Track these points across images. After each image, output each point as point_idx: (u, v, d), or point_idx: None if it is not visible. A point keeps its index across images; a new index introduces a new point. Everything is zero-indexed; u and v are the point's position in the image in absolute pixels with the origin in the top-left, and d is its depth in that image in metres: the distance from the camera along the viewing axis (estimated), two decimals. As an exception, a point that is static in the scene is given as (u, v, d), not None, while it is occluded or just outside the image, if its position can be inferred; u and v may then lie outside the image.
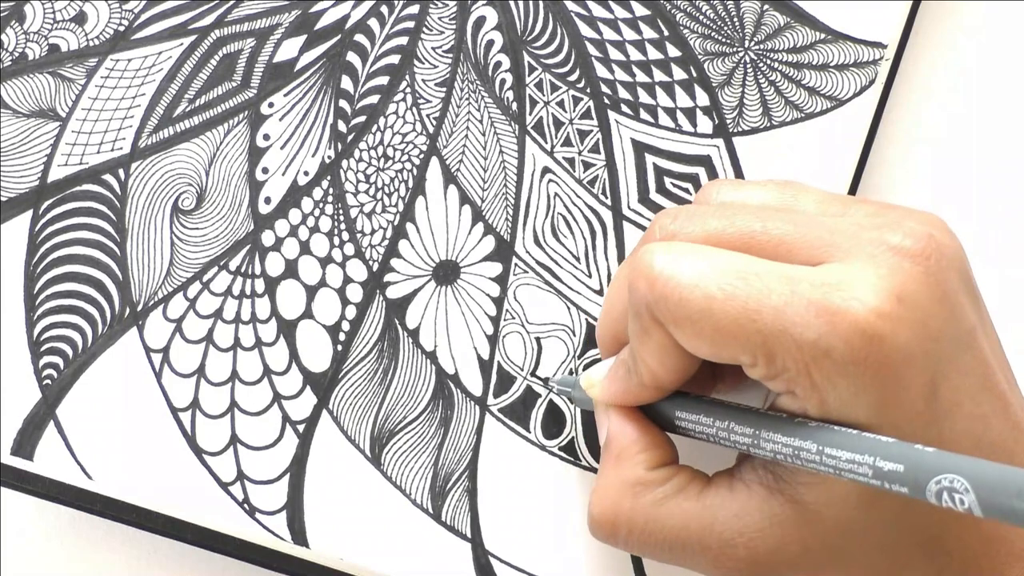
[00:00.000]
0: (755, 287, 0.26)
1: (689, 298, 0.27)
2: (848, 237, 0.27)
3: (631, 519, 0.29)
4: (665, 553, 0.29)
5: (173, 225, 0.36)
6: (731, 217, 0.29)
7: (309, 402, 0.35)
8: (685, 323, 0.27)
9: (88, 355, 0.35)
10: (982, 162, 0.38)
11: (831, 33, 0.36)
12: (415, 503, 0.35)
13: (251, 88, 0.37)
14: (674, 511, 0.28)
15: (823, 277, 0.26)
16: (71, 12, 0.37)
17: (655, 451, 0.30)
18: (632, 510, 0.29)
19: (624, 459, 0.30)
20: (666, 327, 0.27)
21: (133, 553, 0.37)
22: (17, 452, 0.35)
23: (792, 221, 0.28)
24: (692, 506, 0.28)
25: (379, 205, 0.36)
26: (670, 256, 0.27)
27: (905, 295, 0.26)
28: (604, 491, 0.30)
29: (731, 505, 0.28)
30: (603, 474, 0.30)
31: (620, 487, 0.29)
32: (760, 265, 0.27)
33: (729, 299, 0.26)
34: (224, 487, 0.35)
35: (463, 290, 0.36)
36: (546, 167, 0.36)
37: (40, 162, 0.36)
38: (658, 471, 0.29)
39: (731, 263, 0.27)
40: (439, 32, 0.37)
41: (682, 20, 0.36)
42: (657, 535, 0.29)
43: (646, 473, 0.29)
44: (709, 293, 0.26)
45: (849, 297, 0.25)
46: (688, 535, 0.28)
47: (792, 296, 0.26)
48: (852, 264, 0.26)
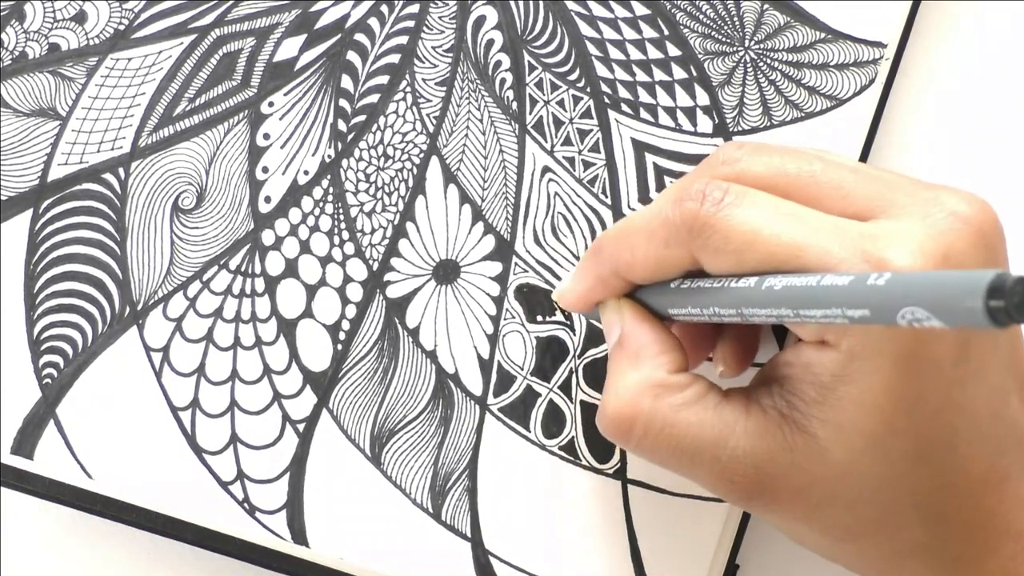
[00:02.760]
0: (804, 228, 0.26)
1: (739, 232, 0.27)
2: (905, 193, 0.27)
3: (649, 420, 0.29)
4: (674, 459, 0.29)
5: (173, 224, 0.36)
6: (794, 155, 0.29)
7: (309, 401, 0.35)
8: (725, 254, 0.27)
9: (88, 354, 0.35)
10: (982, 162, 0.38)
11: (831, 32, 0.36)
12: (415, 502, 0.35)
13: (251, 87, 0.37)
14: (691, 419, 0.28)
15: (873, 230, 0.26)
16: (71, 11, 0.37)
17: (673, 354, 0.30)
18: (652, 410, 0.29)
19: (644, 359, 0.30)
20: (697, 253, 0.28)
21: (133, 553, 0.37)
22: (17, 451, 0.35)
23: (853, 170, 0.28)
24: (709, 417, 0.28)
25: (379, 204, 0.36)
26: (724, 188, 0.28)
27: (952, 255, 0.26)
28: (623, 389, 0.29)
29: (746, 424, 0.28)
30: (620, 372, 0.30)
31: (640, 386, 0.29)
32: (813, 213, 0.27)
33: (776, 237, 0.26)
34: (224, 486, 0.35)
35: (463, 289, 0.36)
36: (546, 166, 0.36)
37: (40, 161, 0.36)
38: (679, 376, 0.29)
39: (783, 205, 0.27)
40: (439, 31, 0.37)
41: (682, 19, 0.36)
42: (671, 440, 0.29)
43: (668, 376, 0.29)
44: (755, 227, 0.27)
45: (897, 248, 0.26)
46: (701, 444, 0.28)
47: (840, 241, 0.26)
48: (905, 220, 0.27)
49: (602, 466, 0.35)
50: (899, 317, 0.22)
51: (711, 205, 0.27)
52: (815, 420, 0.27)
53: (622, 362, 0.30)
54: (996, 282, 0.20)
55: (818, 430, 0.27)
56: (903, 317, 0.22)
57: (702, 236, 0.27)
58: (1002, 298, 0.20)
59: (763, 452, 0.28)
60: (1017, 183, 0.38)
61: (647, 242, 0.29)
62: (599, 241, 0.31)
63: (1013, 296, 0.20)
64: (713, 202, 0.27)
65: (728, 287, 0.27)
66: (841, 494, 0.27)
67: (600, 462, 0.35)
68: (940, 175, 0.38)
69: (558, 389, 0.36)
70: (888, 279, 0.22)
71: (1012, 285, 0.20)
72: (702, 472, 0.29)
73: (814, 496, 0.28)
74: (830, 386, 0.27)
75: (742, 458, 0.28)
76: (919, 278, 0.22)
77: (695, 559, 0.35)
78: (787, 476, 0.28)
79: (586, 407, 0.35)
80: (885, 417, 0.26)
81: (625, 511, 0.35)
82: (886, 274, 0.23)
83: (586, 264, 0.32)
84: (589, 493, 0.35)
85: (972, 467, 0.27)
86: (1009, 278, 0.20)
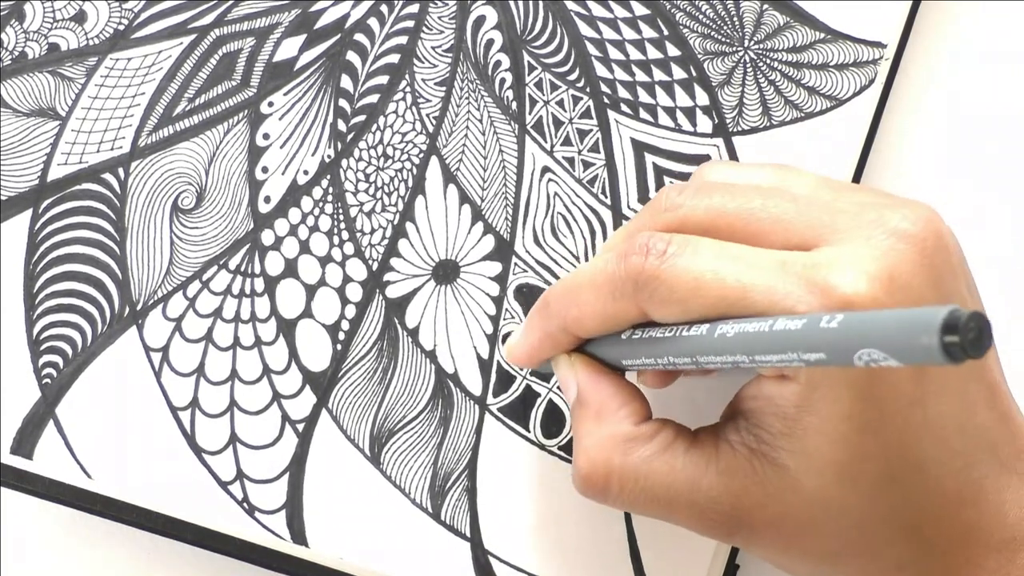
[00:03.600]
0: (746, 268, 0.26)
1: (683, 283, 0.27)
2: (847, 218, 0.27)
3: (622, 475, 0.29)
4: (652, 508, 0.29)
5: (173, 224, 0.36)
6: (733, 193, 0.29)
7: (308, 401, 0.35)
8: (671, 305, 0.27)
9: (88, 354, 0.35)
10: (983, 162, 0.38)
11: (831, 33, 0.36)
12: (414, 502, 0.35)
13: (251, 87, 0.37)
14: (662, 468, 0.29)
15: (816, 259, 0.26)
16: (71, 11, 0.37)
17: (635, 405, 0.30)
18: (623, 466, 0.29)
19: (606, 415, 0.30)
20: (644, 306, 0.28)
21: (133, 553, 0.37)
22: (16, 451, 0.35)
23: (793, 200, 0.28)
24: (680, 463, 0.29)
25: (379, 204, 0.36)
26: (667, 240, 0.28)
27: (897, 276, 0.26)
28: (593, 449, 0.30)
29: (717, 464, 0.28)
30: (585, 432, 0.30)
31: (609, 443, 0.29)
32: (754, 251, 0.27)
33: (719, 280, 0.27)
34: (223, 486, 0.35)
35: (463, 289, 0.36)
36: (546, 166, 0.36)
37: (40, 161, 0.36)
38: (644, 426, 0.30)
39: (725, 248, 0.27)
40: (439, 31, 0.37)
41: (682, 19, 0.36)
42: (647, 491, 0.29)
43: (633, 428, 0.29)
44: (698, 274, 0.27)
45: (842, 276, 0.26)
46: (677, 491, 0.28)
47: (784, 276, 0.26)
48: (848, 246, 0.27)
49: (601, 466, 0.35)
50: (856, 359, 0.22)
51: (655, 258, 0.28)
52: (783, 451, 0.27)
53: (586, 420, 0.30)
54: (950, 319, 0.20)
55: (787, 461, 0.27)
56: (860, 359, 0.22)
57: (647, 288, 0.28)
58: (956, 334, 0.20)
59: (737, 489, 0.28)
60: (1017, 183, 0.38)
61: (594, 297, 0.29)
62: (545, 296, 0.32)
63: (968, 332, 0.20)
64: (656, 254, 0.28)
65: (680, 336, 0.28)
66: (817, 521, 0.27)
67: (599, 462, 0.35)
68: (941, 175, 0.38)
69: (558, 389, 0.36)
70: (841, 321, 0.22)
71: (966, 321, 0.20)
72: (681, 517, 0.29)
73: (791, 525, 0.28)
74: (794, 417, 0.27)
75: (717, 498, 0.28)
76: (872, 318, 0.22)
77: (694, 559, 0.35)
78: (763, 508, 0.28)
79: (586, 407, 0.35)
80: (850, 444, 0.27)
81: (625, 511, 0.35)
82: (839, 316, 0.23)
83: (533, 320, 0.32)
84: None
85: (945, 485, 0.27)
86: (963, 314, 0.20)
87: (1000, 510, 0.28)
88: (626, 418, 0.30)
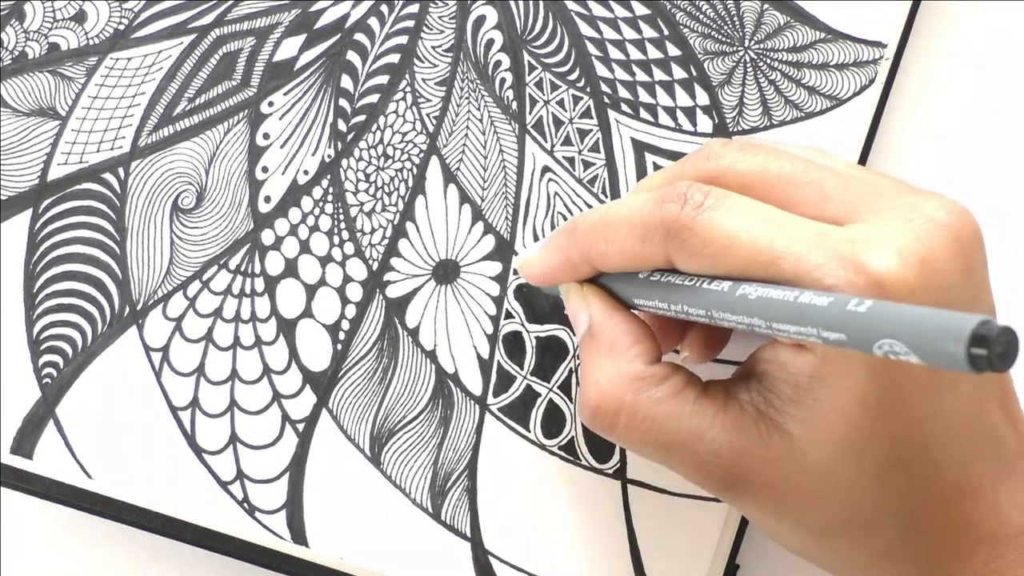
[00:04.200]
0: (781, 233, 0.26)
1: (715, 238, 0.27)
2: (885, 198, 0.27)
3: (632, 413, 0.29)
4: (654, 450, 0.29)
5: (173, 224, 0.36)
6: (777, 156, 0.29)
7: (309, 401, 0.35)
8: (701, 258, 0.27)
9: (88, 354, 0.35)
10: (983, 162, 0.38)
11: (831, 32, 0.36)
12: (415, 502, 0.35)
13: (251, 87, 0.37)
14: (671, 413, 0.29)
15: (852, 234, 0.26)
16: (71, 11, 0.37)
17: (647, 343, 0.30)
18: (633, 404, 0.29)
19: (618, 351, 0.30)
20: (672, 254, 0.28)
21: (133, 553, 0.37)
22: (17, 451, 0.35)
23: (834, 172, 0.28)
24: (688, 410, 0.29)
25: (379, 204, 0.36)
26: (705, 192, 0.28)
27: (931, 260, 0.26)
28: (604, 381, 0.30)
29: (724, 419, 0.28)
30: (596, 364, 0.30)
31: (620, 379, 0.29)
32: (793, 218, 0.27)
33: (752, 242, 0.26)
34: (224, 486, 0.35)
35: (463, 289, 0.36)
36: (546, 166, 0.36)
37: (40, 161, 0.36)
38: (656, 367, 0.30)
39: (762, 209, 0.27)
40: (439, 31, 0.37)
41: (682, 19, 0.36)
42: (652, 432, 0.29)
43: (645, 368, 0.29)
44: (733, 232, 0.27)
45: (875, 253, 0.26)
46: (680, 437, 0.29)
47: (818, 246, 0.26)
48: (883, 225, 0.27)
49: (602, 466, 0.35)
50: (875, 347, 0.22)
51: (691, 208, 0.28)
52: (790, 418, 0.27)
53: (597, 354, 0.30)
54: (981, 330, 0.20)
55: (793, 428, 0.27)
56: (880, 347, 0.22)
57: (679, 238, 0.28)
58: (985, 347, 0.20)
59: (739, 447, 0.28)
60: (1016, 184, 0.38)
61: (624, 236, 0.29)
62: (575, 222, 0.31)
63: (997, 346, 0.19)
64: (693, 205, 0.28)
65: (700, 287, 0.28)
66: (814, 493, 0.28)
67: (600, 462, 0.35)
68: (941, 176, 0.38)
69: (558, 389, 0.36)
70: (870, 307, 0.22)
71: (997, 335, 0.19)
72: (679, 463, 0.29)
73: (787, 492, 0.28)
74: (806, 387, 0.27)
75: (718, 451, 0.28)
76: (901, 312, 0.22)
77: (695, 559, 0.35)
78: (761, 471, 0.28)
79: (586, 407, 0.35)
80: (859, 423, 0.27)
81: (625, 511, 0.35)
82: (867, 301, 0.22)
83: (557, 242, 0.32)
84: (589, 493, 0.35)
85: (946, 474, 0.28)
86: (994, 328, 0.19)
87: (996, 506, 0.28)
88: (638, 356, 0.30)
